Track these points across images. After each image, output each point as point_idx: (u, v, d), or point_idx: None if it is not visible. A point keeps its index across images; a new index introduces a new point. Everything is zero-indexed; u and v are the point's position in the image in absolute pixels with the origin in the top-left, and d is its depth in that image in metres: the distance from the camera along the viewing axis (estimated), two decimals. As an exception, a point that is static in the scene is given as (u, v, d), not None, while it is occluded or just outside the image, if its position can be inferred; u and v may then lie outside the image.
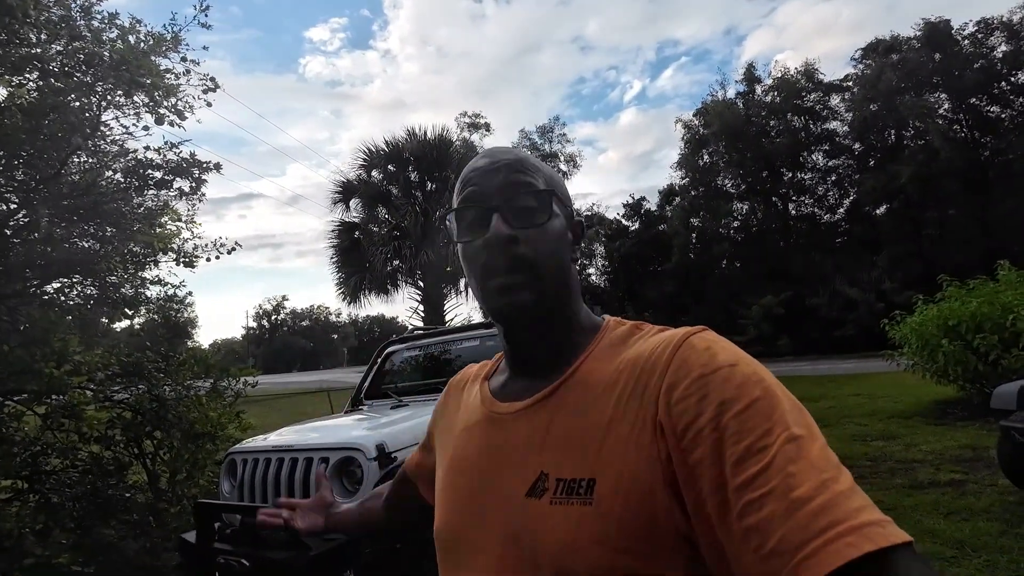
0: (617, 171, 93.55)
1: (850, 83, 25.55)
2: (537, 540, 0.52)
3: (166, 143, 4.32)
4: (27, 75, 4.12)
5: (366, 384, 4.25)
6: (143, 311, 5.71)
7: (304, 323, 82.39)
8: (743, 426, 0.45)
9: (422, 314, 15.10)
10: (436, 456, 0.75)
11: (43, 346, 3.49)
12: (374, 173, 15.54)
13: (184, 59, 4.74)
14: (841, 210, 26.66)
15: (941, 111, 23.67)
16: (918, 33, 23.56)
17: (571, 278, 0.65)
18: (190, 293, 6.72)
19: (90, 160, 4.18)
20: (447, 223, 0.68)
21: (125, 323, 5.85)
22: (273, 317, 79.58)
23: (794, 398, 0.48)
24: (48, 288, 4.67)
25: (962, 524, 3.43)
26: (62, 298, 4.78)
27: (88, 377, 3.63)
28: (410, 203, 14.87)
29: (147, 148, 4.26)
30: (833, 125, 26.30)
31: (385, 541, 2.60)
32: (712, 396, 0.47)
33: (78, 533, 3.56)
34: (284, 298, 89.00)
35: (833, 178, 26.57)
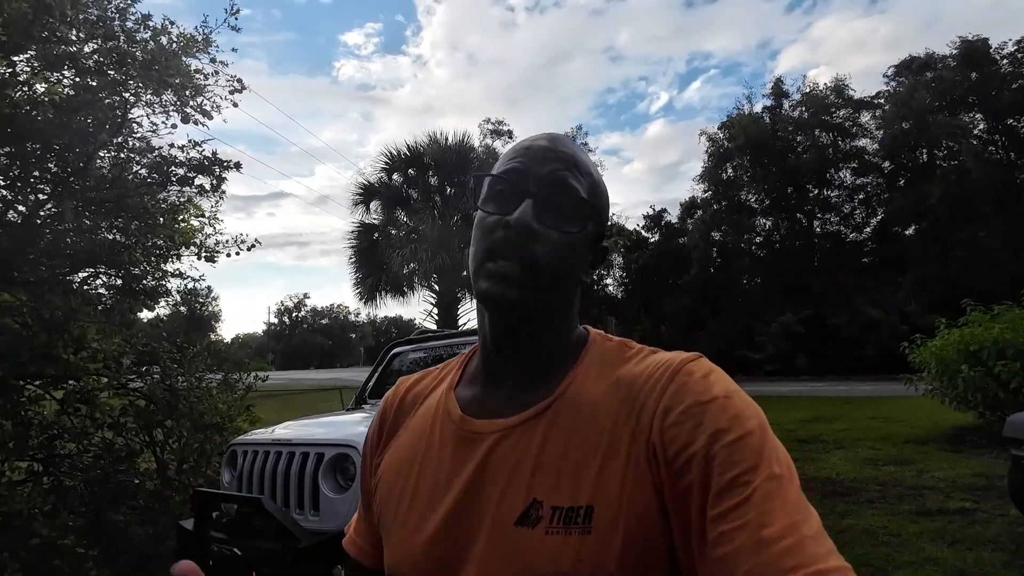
0: (642, 182, 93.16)
1: (881, 100, 25.09)
2: (530, 570, 0.50)
3: (190, 141, 4.46)
4: (64, 72, 4.31)
5: (370, 384, 4.31)
6: (167, 303, 5.89)
7: (324, 321, 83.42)
8: (732, 458, 0.45)
9: (436, 317, 15.23)
10: (380, 488, 0.65)
11: (63, 332, 3.63)
12: (395, 176, 15.80)
13: (213, 60, 4.92)
14: (868, 229, 26.11)
15: (976, 131, 23.08)
16: (954, 51, 23.05)
17: (572, 295, 0.62)
18: (209, 288, 6.90)
19: (119, 155, 4.34)
20: (479, 183, 0.64)
21: (152, 314, 6.07)
22: (294, 314, 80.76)
23: (777, 439, 0.49)
24: (75, 278, 4.86)
25: (966, 553, 3.35)
26: (86, 287, 4.97)
27: (104, 364, 3.75)
28: (429, 207, 15.04)
29: (171, 145, 4.41)
30: (862, 142, 25.80)
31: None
32: (706, 424, 0.47)
33: (87, 516, 3.68)
34: (305, 295, 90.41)
35: (861, 196, 26.03)
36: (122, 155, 4.39)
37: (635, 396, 0.53)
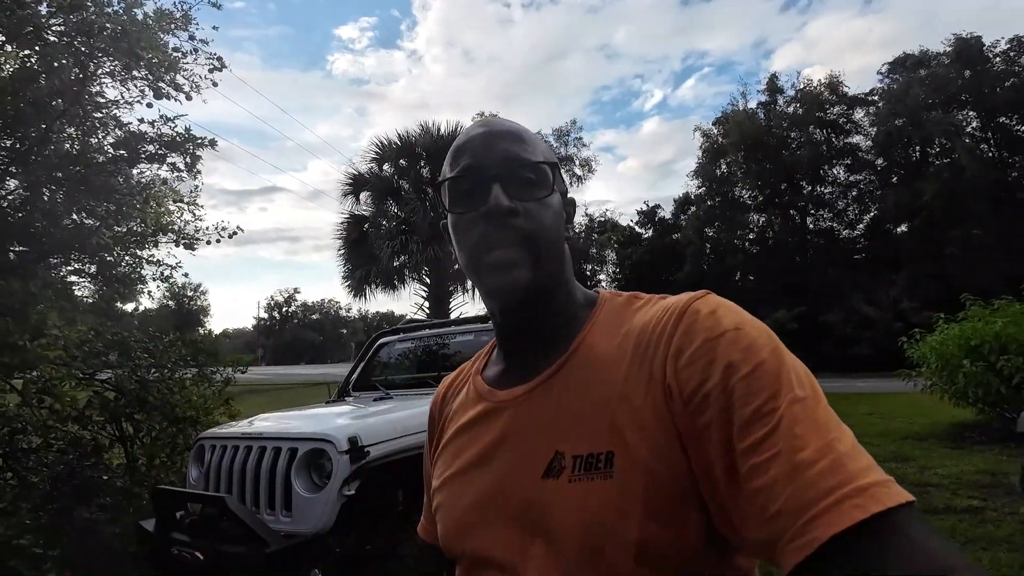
0: (636, 179, 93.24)
1: (875, 97, 25.07)
2: (558, 520, 0.51)
3: (161, 117, 4.21)
4: (33, 48, 4.04)
5: (354, 376, 4.10)
6: (151, 296, 5.63)
7: (314, 316, 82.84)
8: (750, 388, 0.44)
9: (427, 310, 14.98)
10: (435, 477, 0.68)
11: (21, 319, 3.38)
12: (385, 167, 15.48)
13: (192, 37, 4.67)
14: (861, 226, 26.14)
15: (969, 129, 23.12)
16: (948, 49, 23.08)
17: (565, 254, 0.64)
18: (187, 275, 6.62)
19: (81, 129, 4.08)
20: (440, 194, 0.64)
21: (142, 307, 5.83)
22: (284, 309, 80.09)
23: (797, 359, 0.47)
24: (47, 262, 4.60)
25: (980, 554, 3.18)
26: (53, 272, 4.70)
27: (65, 352, 3.51)
28: (419, 198, 14.75)
29: (141, 121, 4.15)
30: (856, 139, 25.82)
31: (354, 539, 2.43)
32: (719, 359, 0.47)
33: (52, 514, 3.45)
34: (296, 290, 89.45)
35: (854, 193, 26.05)
36: (86, 129, 4.13)
37: (646, 343, 0.53)
